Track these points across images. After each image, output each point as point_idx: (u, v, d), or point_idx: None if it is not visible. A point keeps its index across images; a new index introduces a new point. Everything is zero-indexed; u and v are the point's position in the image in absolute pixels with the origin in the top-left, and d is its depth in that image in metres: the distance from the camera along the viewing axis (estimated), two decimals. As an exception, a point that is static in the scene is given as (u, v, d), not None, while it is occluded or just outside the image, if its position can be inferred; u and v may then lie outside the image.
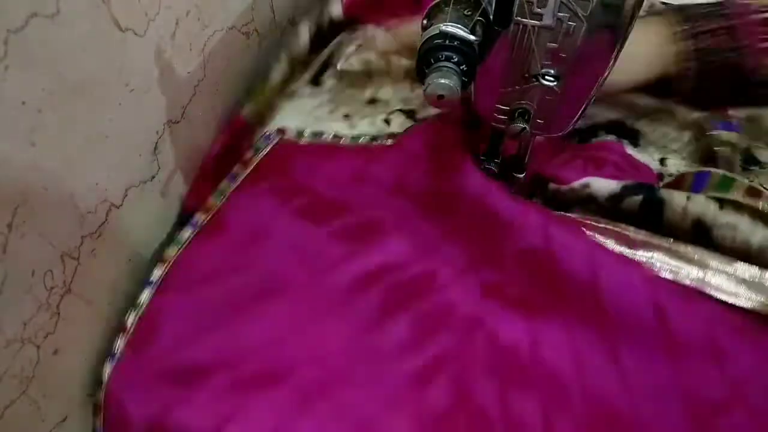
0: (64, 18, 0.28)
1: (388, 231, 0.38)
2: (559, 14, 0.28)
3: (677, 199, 0.37)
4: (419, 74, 0.30)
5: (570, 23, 0.29)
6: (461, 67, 0.29)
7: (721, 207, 0.35)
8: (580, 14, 0.28)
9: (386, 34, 0.48)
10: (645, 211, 0.37)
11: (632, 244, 0.36)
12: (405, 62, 0.48)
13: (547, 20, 0.29)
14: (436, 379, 0.32)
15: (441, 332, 0.34)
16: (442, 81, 0.28)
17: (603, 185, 0.38)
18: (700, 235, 0.35)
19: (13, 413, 0.31)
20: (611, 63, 0.31)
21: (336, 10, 0.49)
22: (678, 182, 0.40)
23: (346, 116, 0.48)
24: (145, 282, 0.38)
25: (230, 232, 0.40)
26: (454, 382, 0.32)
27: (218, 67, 0.45)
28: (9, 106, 0.26)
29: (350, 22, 0.50)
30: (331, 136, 0.46)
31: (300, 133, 0.46)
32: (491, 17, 0.29)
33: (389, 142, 0.45)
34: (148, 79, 0.37)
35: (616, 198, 0.38)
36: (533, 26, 0.29)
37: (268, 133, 0.46)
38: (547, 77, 0.31)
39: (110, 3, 0.31)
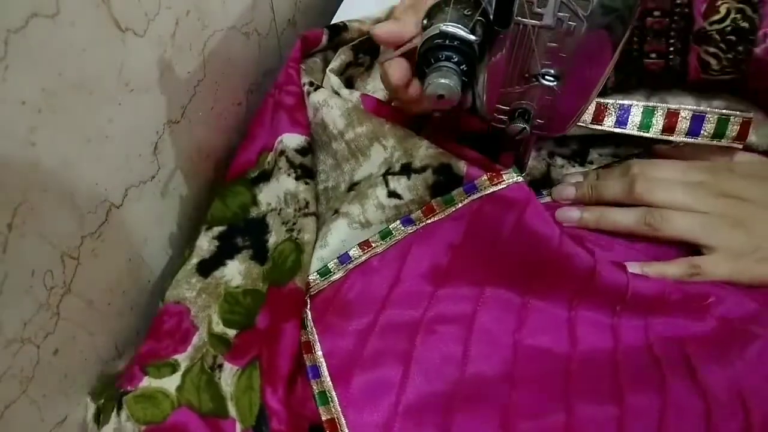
0: (64, 18, 0.28)
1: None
2: (560, 14, 0.28)
3: None
4: (419, 74, 0.30)
5: (570, 23, 0.29)
6: (461, 67, 0.29)
7: None
8: (580, 14, 0.28)
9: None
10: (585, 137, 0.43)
11: None
12: (365, 128, 0.42)
13: (548, 20, 0.29)
14: None
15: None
16: (442, 81, 0.28)
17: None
18: None
19: (13, 413, 0.31)
20: (611, 63, 0.31)
21: (292, 141, 0.44)
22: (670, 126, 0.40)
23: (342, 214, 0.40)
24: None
25: None
26: None
27: (218, 67, 0.45)
28: (9, 106, 0.26)
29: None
30: (358, 254, 0.39)
31: (326, 271, 0.39)
32: (491, 17, 0.29)
33: (419, 217, 0.39)
34: (148, 79, 0.37)
35: (561, 140, 0.43)
36: (533, 26, 0.29)
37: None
38: (547, 77, 0.31)
39: (110, 3, 0.31)
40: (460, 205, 0.39)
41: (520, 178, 0.39)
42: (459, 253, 0.38)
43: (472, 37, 0.29)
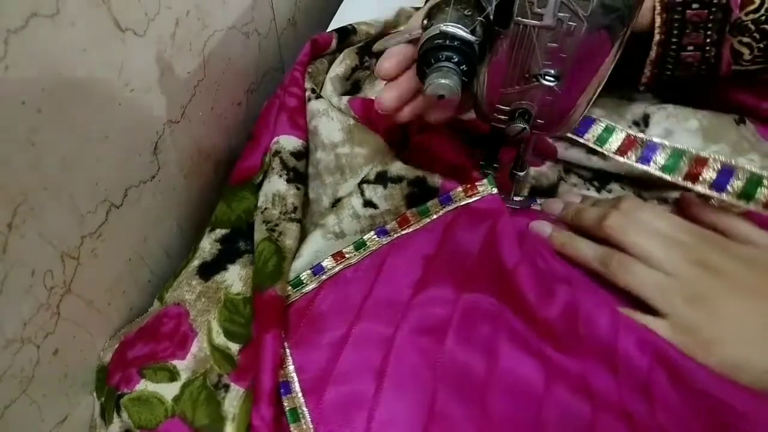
0: (64, 18, 0.28)
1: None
2: (560, 14, 0.28)
3: None
4: (419, 74, 0.30)
5: (570, 23, 0.29)
6: (461, 67, 0.29)
7: None
8: (580, 14, 0.28)
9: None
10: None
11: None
12: (365, 150, 0.42)
13: (548, 20, 0.29)
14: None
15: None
16: (443, 81, 0.28)
17: (572, 153, 0.41)
18: None
19: (13, 413, 0.31)
20: (612, 63, 0.31)
21: (289, 144, 0.43)
22: (694, 174, 0.37)
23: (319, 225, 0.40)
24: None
25: None
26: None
27: (218, 67, 0.45)
28: (9, 106, 0.26)
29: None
30: (331, 265, 0.39)
31: (298, 283, 0.38)
32: (491, 17, 0.29)
33: (392, 227, 0.39)
34: (148, 79, 0.37)
35: (586, 159, 0.41)
36: (533, 26, 0.29)
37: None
38: (547, 77, 0.31)
39: (110, 3, 0.31)
40: (435, 216, 0.39)
41: (494, 190, 0.39)
42: (433, 265, 0.37)
43: (472, 37, 0.29)
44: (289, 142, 0.43)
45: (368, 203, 0.39)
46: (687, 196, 0.38)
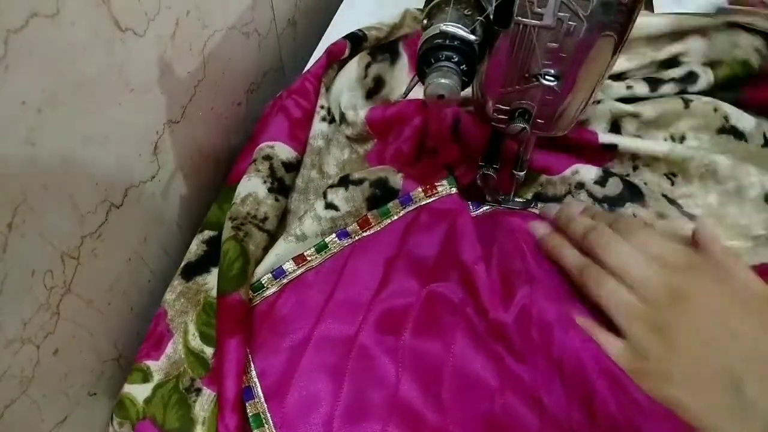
0: (64, 18, 0.28)
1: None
2: (560, 14, 0.28)
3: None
4: (419, 74, 0.30)
5: (570, 23, 0.29)
6: (461, 67, 0.29)
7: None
8: (580, 14, 0.28)
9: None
10: (627, 186, 0.41)
11: None
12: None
13: (548, 20, 0.29)
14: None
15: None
16: (443, 81, 0.28)
17: (589, 170, 0.41)
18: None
19: (13, 413, 0.31)
20: (611, 63, 0.31)
21: (283, 152, 0.43)
22: None
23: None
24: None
25: None
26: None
27: (218, 67, 0.45)
28: (9, 106, 0.26)
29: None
30: (292, 268, 0.38)
31: (259, 287, 0.38)
32: (491, 17, 0.29)
33: (353, 230, 0.39)
34: (148, 79, 0.37)
35: (601, 180, 0.41)
36: (533, 26, 0.29)
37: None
38: (547, 77, 0.31)
39: (110, 3, 0.31)
40: (395, 217, 0.39)
41: (454, 190, 0.39)
42: (395, 266, 0.37)
43: (472, 37, 0.28)
44: (283, 150, 0.43)
45: (330, 205, 0.40)
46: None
